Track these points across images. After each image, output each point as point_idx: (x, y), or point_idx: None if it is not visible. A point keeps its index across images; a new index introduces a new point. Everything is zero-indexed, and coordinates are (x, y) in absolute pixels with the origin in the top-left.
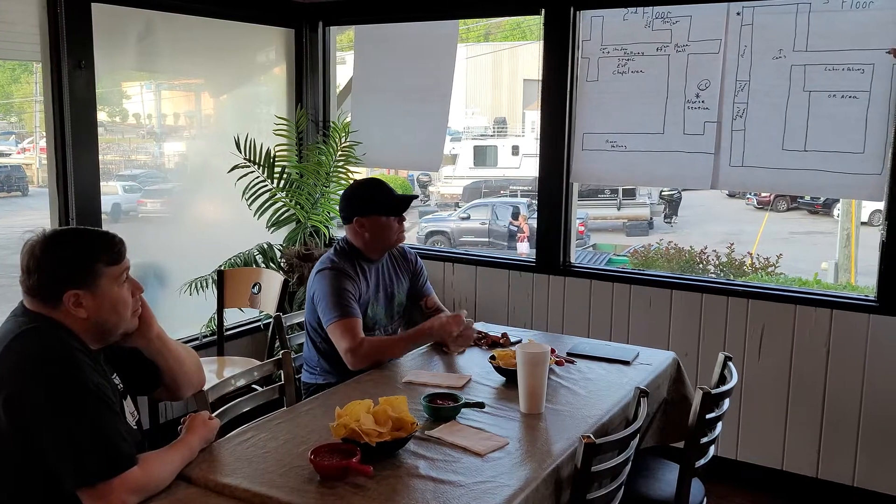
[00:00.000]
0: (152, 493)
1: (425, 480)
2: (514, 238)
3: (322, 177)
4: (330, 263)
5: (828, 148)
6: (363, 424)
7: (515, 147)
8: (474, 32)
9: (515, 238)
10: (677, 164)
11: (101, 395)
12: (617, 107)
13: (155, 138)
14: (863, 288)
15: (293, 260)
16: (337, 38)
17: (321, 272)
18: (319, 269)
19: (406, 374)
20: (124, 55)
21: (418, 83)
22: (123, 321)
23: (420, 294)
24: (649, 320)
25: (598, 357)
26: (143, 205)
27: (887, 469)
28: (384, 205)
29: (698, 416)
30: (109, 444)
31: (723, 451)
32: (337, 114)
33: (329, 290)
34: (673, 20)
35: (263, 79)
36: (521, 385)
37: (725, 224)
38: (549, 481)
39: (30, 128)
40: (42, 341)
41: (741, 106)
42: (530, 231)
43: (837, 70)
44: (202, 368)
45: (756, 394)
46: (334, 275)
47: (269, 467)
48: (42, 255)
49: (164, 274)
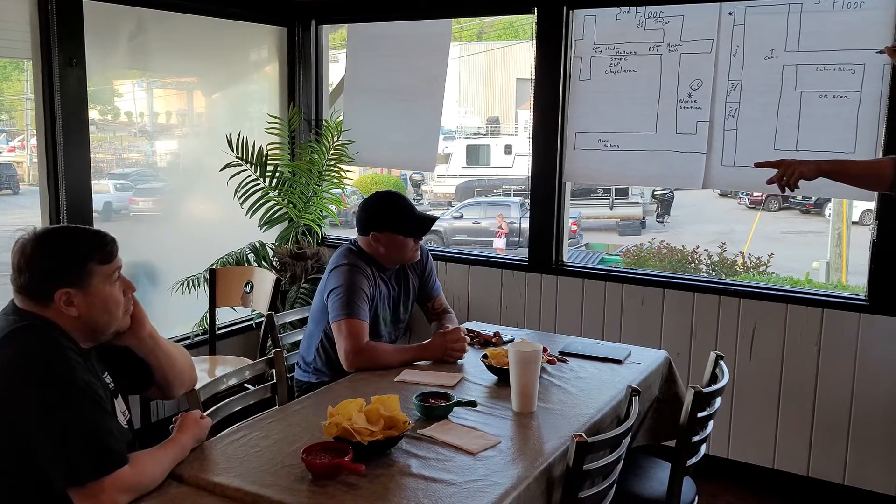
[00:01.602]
0: (143, 493)
1: (417, 479)
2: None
3: (314, 175)
4: (348, 260)
5: (819, 148)
6: (355, 423)
7: (508, 146)
8: (467, 31)
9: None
10: (669, 164)
11: (91, 394)
12: (609, 106)
13: (147, 137)
14: (854, 287)
15: (285, 259)
16: (330, 37)
17: (339, 267)
18: (338, 264)
19: (398, 373)
20: (116, 53)
21: (411, 82)
22: (115, 320)
23: (429, 295)
24: (641, 319)
25: (590, 356)
26: (135, 203)
27: (877, 467)
28: (404, 225)
29: (690, 415)
30: (100, 444)
31: (714, 449)
32: (329, 112)
33: (346, 285)
34: (665, 20)
35: (256, 77)
36: (514, 384)
37: (717, 223)
38: (541, 480)
39: (20, 126)
40: (33, 340)
41: (733, 105)
42: (509, 229)
43: (829, 70)
44: (194, 367)
45: (747, 392)
46: (354, 272)
47: (261, 466)
48: (33, 253)
49: (156, 273)
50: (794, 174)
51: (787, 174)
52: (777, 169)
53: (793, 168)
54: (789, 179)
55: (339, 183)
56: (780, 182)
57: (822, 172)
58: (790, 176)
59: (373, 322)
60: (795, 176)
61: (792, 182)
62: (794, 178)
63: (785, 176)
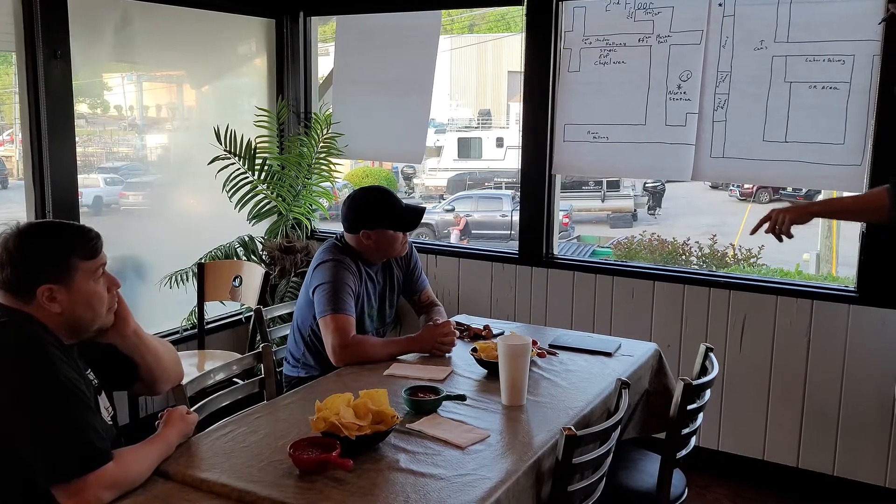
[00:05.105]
0: (128, 489)
1: (406, 474)
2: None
3: (304, 169)
4: (333, 256)
5: (808, 139)
6: (343, 418)
7: (500, 139)
8: (458, 24)
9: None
10: (659, 156)
11: (74, 391)
12: (599, 98)
13: (136, 130)
14: (843, 279)
15: (275, 252)
16: (319, 30)
17: (324, 263)
18: (322, 260)
19: (387, 367)
20: (102, 46)
21: (400, 74)
22: (98, 317)
23: (415, 288)
24: (631, 312)
25: (580, 349)
26: (125, 198)
27: (867, 458)
28: (394, 220)
29: (680, 407)
30: (83, 440)
31: (704, 441)
32: (319, 105)
33: (331, 281)
34: (655, 11)
35: (244, 70)
36: (503, 377)
37: (708, 216)
38: (531, 473)
39: (9, 120)
40: (14, 336)
41: (722, 97)
42: (465, 224)
43: (818, 61)
44: (180, 363)
45: (737, 384)
46: (339, 268)
47: (248, 462)
48: (15, 248)
49: (145, 267)
50: (785, 221)
51: (778, 223)
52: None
53: (782, 216)
54: (781, 227)
55: (328, 176)
56: (773, 232)
57: (813, 215)
58: (781, 223)
59: (358, 319)
60: (786, 224)
61: (784, 229)
62: (786, 225)
63: (777, 225)
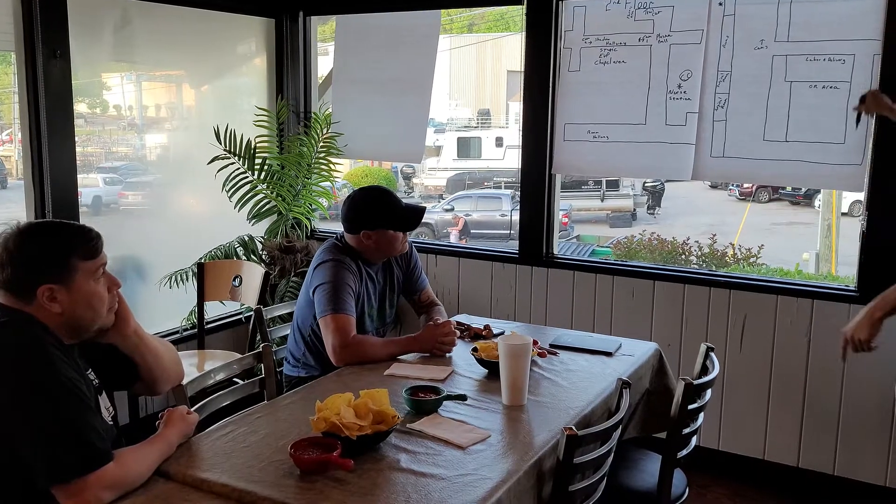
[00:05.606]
0: (129, 489)
1: (406, 474)
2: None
3: (303, 168)
4: (333, 256)
5: (809, 138)
6: (344, 418)
7: (499, 139)
8: (458, 23)
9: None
10: (659, 155)
11: (74, 391)
12: (599, 97)
13: (136, 130)
14: (843, 278)
15: (274, 252)
16: (319, 30)
17: (324, 263)
18: (322, 260)
19: (388, 367)
20: (102, 45)
21: (400, 74)
22: (98, 317)
23: (415, 288)
24: (632, 311)
25: (580, 348)
26: (125, 197)
27: (867, 458)
28: (394, 220)
29: (680, 407)
30: (83, 440)
31: (705, 441)
32: (318, 105)
33: (331, 281)
34: (655, 10)
35: (244, 69)
36: (504, 377)
37: (708, 215)
38: (532, 473)
39: (8, 119)
40: (14, 336)
41: (723, 96)
42: (463, 224)
43: (818, 60)
44: (180, 363)
45: (738, 384)
46: (340, 268)
47: (249, 462)
48: (16, 248)
49: (145, 267)
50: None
51: (855, 344)
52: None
53: (856, 340)
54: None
55: (328, 176)
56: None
57: (881, 321)
58: (858, 344)
59: (358, 319)
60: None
61: (867, 348)
62: (864, 343)
63: (857, 348)
